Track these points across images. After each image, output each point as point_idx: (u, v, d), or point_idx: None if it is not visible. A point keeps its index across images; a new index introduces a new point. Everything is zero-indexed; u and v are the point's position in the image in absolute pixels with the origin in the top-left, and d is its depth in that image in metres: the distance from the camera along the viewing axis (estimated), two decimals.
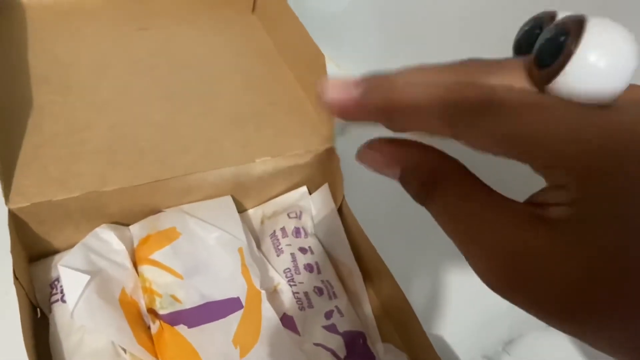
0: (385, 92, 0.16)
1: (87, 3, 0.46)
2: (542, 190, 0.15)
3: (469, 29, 0.46)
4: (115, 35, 0.44)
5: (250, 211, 0.42)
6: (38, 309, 0.34)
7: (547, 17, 0.16)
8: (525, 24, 0.17)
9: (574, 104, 0.14)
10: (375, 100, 0.17)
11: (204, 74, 0.44)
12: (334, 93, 0.17)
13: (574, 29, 0.14)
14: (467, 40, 0.47)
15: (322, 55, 0.39)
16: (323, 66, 0.39)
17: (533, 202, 0.15)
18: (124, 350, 0.31)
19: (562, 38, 0.14)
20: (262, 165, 0.39)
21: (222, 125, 0.40)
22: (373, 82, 0.17)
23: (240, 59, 0.47)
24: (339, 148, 0.41)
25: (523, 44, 0.17)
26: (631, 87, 0.15)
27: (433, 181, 0.16)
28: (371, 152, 0.18)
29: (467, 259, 0.15)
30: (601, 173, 0.13)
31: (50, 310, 0.32)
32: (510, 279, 0.14)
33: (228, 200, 0.39)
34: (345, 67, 0.61)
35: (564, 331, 0.14)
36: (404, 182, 0.17)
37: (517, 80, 0.15)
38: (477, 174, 0.16)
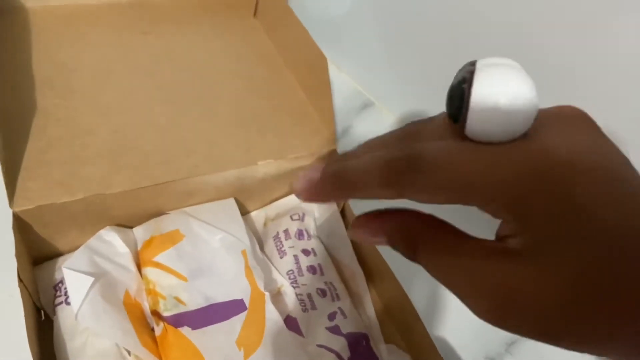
0: (337, 177, 0.19)
1: (90, 8, 0.46)
2: (499, 227, 0.17)
3: (469, 31, 0.46)
4: (119, 40, 0.45)
5: (253, 213, 0.43)
6: (42, 312, 0.34)
7: (469, 72, 0.17)
8: (455, 77, 0.18)
9: (489, 145, 0.15)
10: (332, 186, 0.19)
11: (206, 78, 0.44)
12: (298, 183, 0.20)
13: (468, 79, 0.15)
14: (467, 42, 0.47)
15: (324, 58, 0.39)
16: (325, 69, 0.40)
17: (498, 236, 0.17)
18: (128, 352, 0.31)
19: (460, 90, 0.16)
20: (264, 167, 0.39)
21: (224, 128, 0.40)
22: (327, 168, 0.19)
23: (242, 62, 0.47)
24: (341, 150, 0.41)
25: (455, 98, 0.18)
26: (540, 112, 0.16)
27: (414, 242, 0.18)
28: (358, 230, 0.20)
29: (462, 301, 0.16)
30: (529, 200, 0.15)
31: (54, 313, 0.32)
32: (499, 313, 0.15)
33: (231, 203, 0.39)
34: (346, 70, 0.61)
35: (560, 347, 0.15)
36: (392, 246, 0.19)
37: (443, 135, 0.17)
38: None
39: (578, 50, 0.39)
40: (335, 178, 0.19)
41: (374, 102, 0.59)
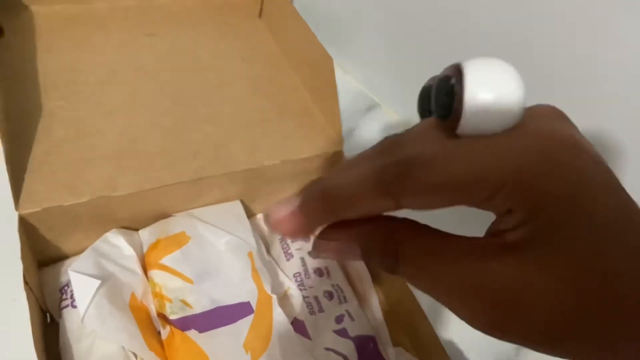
0: (324, 196, 0.17)
1: (95, 10, 0.46)
2: (495, 221, 0.15)
3: (474, 33, 0.46)
4: (123, 42, 0.45)
5: (259, 215, 0.42)
6: (48, 315, 0.33)
7: (432, 80, 0.17)
8: (426, 83, 0.17)
9: (485, 137, 0.15)
10: (319, 206, 0.17)
11: (211, 79, 0.44)
12: (277, 214, 0.17)
13: (456, 77, 0.15)
14: (472, 43, 0.46)
15: (330, 59, 0.39)
16: (331, 70, 0.39)
17: (492, 233, 0.15)
18: (135, 356, 0.30)
19: (450, 86, 0.15)
20: (270, 169, 0.39)
21: (230, 129, 0.40)
22: (308, 190, 0.17)
23: (248, 63, 0.47)
24: (346, 149, 0.41)
25: (425, 102, 0.17)
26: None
27: (393, 248, 0.16)
28: (325, 242, 0.17)
29: (451, 310, 0.15)
30: (536, 187, 0.14)
31: (60, 316, 0.32)
32: (501, 322, 0.14)
33: (237, 205, 0.39)
34: (351, 71, 0.61)
35: (561, 357, 0.14)
36: (367, 259, 0.17)
37: (430, 136, 0.16)
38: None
39: (584, 50, 0.39)
40: (322, 196, 0.17)
41: (380, 104, 0.59)
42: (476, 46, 0.46)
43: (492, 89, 0.14)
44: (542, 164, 0.14)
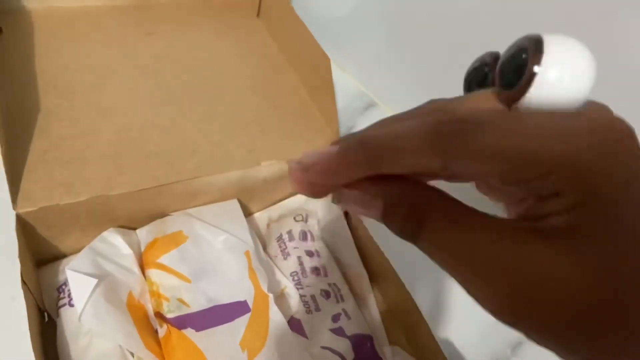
0: (362, 145, 0.16)
1: (93, 9, 0.46)
2: (535, 204, 0.14)
3: (473, 32, 0.46)
4: (121, 41, 0.45)
5: (257, 215, 0.42)
6: (45, 313, 0.34)
7: (492, 57, 0.16)
8: (473, 63, 0.17)
9: (549, 113, 0.14)
10: (355, 155, 0.16)
11: (209, 78, 0.44)
12: (310, 158, 0.16)
13: (533, 48, 0.14)
14: (471, 43, 0.46)
15: (328, 58, 0.39)
16: (328, 69, 0.39)
17: (528, 217, 0.14)
18: (132, 354, 0.31)
19: (523, 57, 0.14)
20: (268, 168, 0.39)
21: (227, 128, 0.40)
22: (347, 139, 0.16)
23: (246, 63, 0.47)
24: None
25: (473, 82, 0.17)
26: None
27: (419, 212, 0.15)
28: (349, 192, 0.16)
29: (466, 288, 0.14)
30: (595, 171, 0.13)
31: (57, 315, 0.32)
32: (514, 304, 0.13)
33: (234, 204, 0.39)
34: (350, 70, 0.61)
35: (576, 356, 0.13)
36: (388, 218, 0.16)
37: (487, 104, 0.15)
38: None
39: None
40: (363, 146, 0.15)
41: (378, 103, 0.59)
42: (475, 45, 0.46)
43: (568, 68, 0.14)
44: (603, 152, 0.13)
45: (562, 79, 0.14)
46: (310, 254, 0.39)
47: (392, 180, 0.16)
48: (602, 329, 0.13)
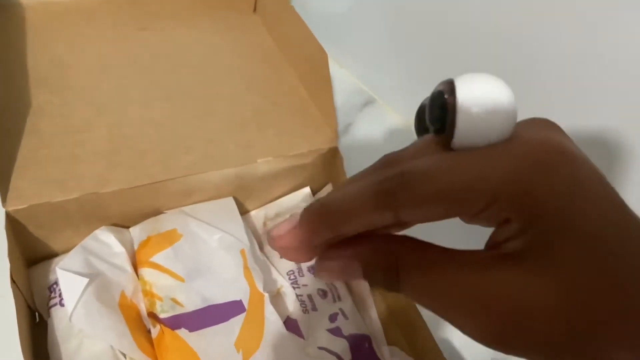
0: (323, 211, 0.17)
1: (86, 3, 0.46)
2: (493, 233, 0.15)
3: (471, 28, 0.45)
4: (115, 36, 0.44)
5: (253, 213, 0.42)
6: (36, 314, 0.33)
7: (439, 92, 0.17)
8: (425, 100, 0.17)
9: (479, 149, 0.15)
10: (319, 220, 0.17)
11: (204, 75, 0.43)
12: (277, 230, 0.18)
13: (448, 91, 0.15)
14: (469, 39, 0.46)
15: (325, 54, 0.38)
16: (326, 65, 0.39)
17: (492, 244, 0.15)
18: (124, 355, 0.30)
19: (442, 104, 0.15)
20: (264, 166, 0.38)
21: (223, 125, 0.39)
22: (308, 207, 0.18)
23: (242, 59, 0.46)
24: (342, 148, 0.41)
25: (422, 120, 0.17)
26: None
27: (394, 265, 0.16)
28: (326, 262, 0.18)
29: (453, 325, 0.15)
30: (534, 192, 0.14)
31: (48, 315, 0.32)
32: (497, 333, 0.14)
33: (230, 202, 0.39)
34: (348, 66, 0.60)
35: None
36: (369, 277, 0.17)
37: (428, 151, 0.16)
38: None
39: (583, 49, 0.38)
40: (321, 211, 0.17)
41: (376, 100, 0.58)
42: (474, 41, 0.46)
43: (483, 102, 0.15)
44: (536, 172, 0.14)
45: (480, 113, 0.15)
46: None
47: (363, 240, 0.17)
48: (567, 344, 0.13)
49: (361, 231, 0.17)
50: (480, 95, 0.15)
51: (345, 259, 0.17)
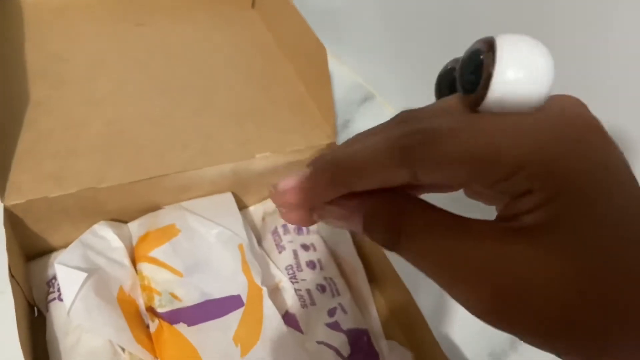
0: (334, 165, 0.16)
1: None
2: (509, 204, 0.14)
3: (473, 24, 0.45)
4: (113, 31, 0.44)
5: (251, 208, 0.42)
6: (35, 308, 0.33)
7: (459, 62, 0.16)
8: (443, 68, 0.17)
9: (510, 113, 0.14)
10: (329, 175, 0.16)
11: (202, 70, 0.43)
12: (283, 183, 0.17)
13: (486, 50, 0.14)
14: (471, 35, 0.46)
15: (324, 49, 0.38)
16: (325, 60, 0.39)
17: (505, 217, 0.14)
18: (123, 350, 0.30)
19: (479, 60, 0.14)
20: (262, 161, 0.38)
21: (221, 121, 0.39)
22: (317, 160, 0.17)
23: (240, 54, 0.46)
24: (341, 141, 0.40)
25: (443, 86, 0.17)
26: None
27: (397, 221, 0.15)
28: (329, 207, 0.17)
29: (451, 294, 0.14)
30: (562, 165, 0.13)
31: (47, 309, 0.32)
32: (498, 307, 0.13)
33: (228, 197, 0.39)
34: (346, 62, 0.60)
35: (568, 356, 0.13)
36: (368, 229, 0.16)
37: (451, 111, 0.15)
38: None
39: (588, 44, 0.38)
40: (333, 165, 0.16)
41: (375, 95, 0.58)
42: (475, 37, 0.45)
43: (523, 66, 0.14)
44: (568, 144, 0.13)
45: (518, 77, 0.14)
46: (306, 247, 0.39)
47: (370, 193, 0.16)
48: (589, 327, 0.12)
49: (374, 188, 0.16)
50: (522, 60, 0.14)
51: (346, 208, 0.16)
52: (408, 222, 0.15)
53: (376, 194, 0.16)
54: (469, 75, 0.15)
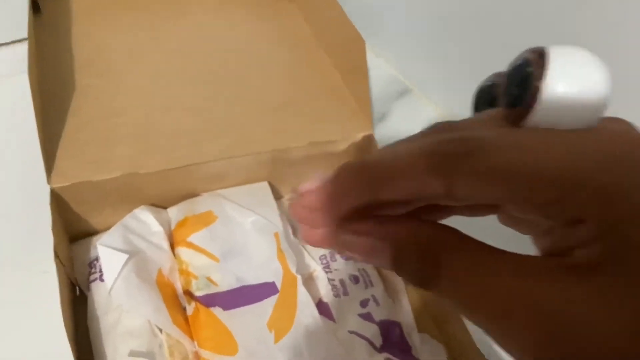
0: (363, 169, 0.15)
1: None
2: (561, 235, 0.13)
3: (514, 18, 0.44)
4: (153, 22, 0.45)
5: (286, 198, 0.42)
6: (77, 287, 0.34)
7: (500, 77, 0.15)
8: (481, 84, 0.16)
9: (559, 131, 0.13)
10: (355, 180, 0.15)
11: (240, 60, 0.44)
12: (303, 187, 0.16)
13: (536, 61, 0.13)
14: (513, 29, 0.45)
15: (362, 41, 0.38)
16: (362, 51, 0.39)
17: (555, 251, 0.13)
18: (160, 330, 0.31)
19: (527, 72, 0.13)
20: (297, 151, 0.38)
21: (257, 110, 0.40)
22: (344, 164, 0.15)
23: (277, 44, 0.47)
24: (377, 135, 0.40)
25: (481, 103, 0.16)
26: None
27: (435, 254, 0.13)
28: (350, 236, 0.15)
29: (496, 338, 0.13)
30: (617, 192, 0.12)
31: (88, 289, 0.33)
32: (547, 353, 0.12)
33: (264, 186, 0.39)
34: (384, 56, 0.60)
35: None
36: (398, 262, 0.14)
37: (492, 123, 0.14)
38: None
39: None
40: (362, 168, 0.15)
41: (412, 90, 0.58)
42: (518, 32, 0.45)
43: (576, 81, 0.13)
44: (624, 170, 0.12)
45: (569, 93, 0.13)
46: None
47: (400, 220, 0.15)
48: None
49: (402, 199, 0.14)
50: (574, 72, 0.13)
51: (375, 236, 0.15)
52: (449, 256, 0.13)
53: (408, 221, 0.14)
54: (515, 86, 0.14)
